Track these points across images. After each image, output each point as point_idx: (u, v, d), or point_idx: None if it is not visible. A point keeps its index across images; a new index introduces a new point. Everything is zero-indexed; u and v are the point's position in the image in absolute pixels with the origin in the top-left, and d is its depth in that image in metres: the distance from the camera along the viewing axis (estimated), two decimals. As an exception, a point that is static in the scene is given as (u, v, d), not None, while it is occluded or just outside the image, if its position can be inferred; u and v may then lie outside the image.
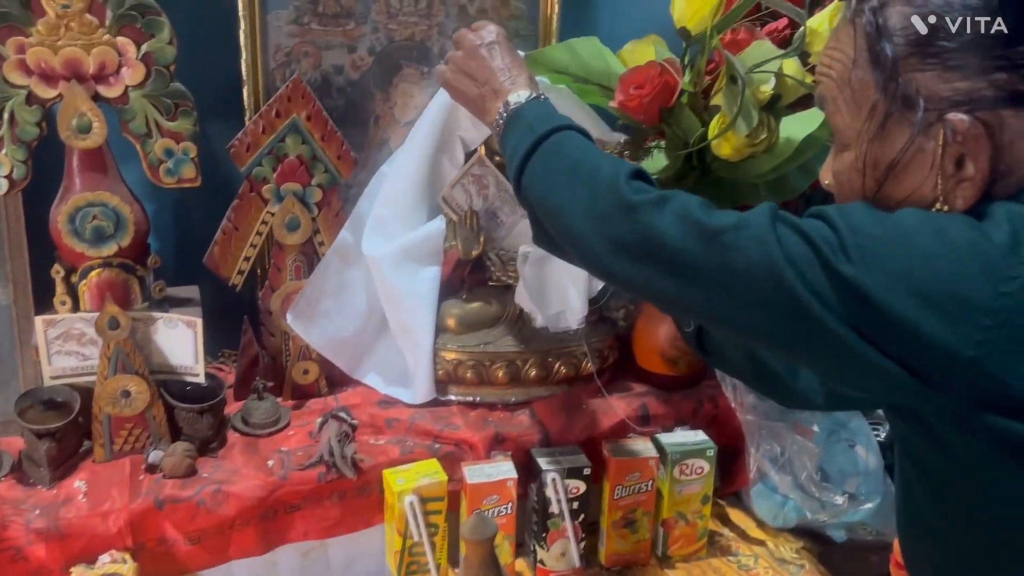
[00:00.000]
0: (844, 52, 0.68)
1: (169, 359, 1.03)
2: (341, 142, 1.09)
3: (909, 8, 0.64)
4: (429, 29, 1.22)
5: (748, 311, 0.66)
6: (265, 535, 0.98)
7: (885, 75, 0.64)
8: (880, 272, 0.59)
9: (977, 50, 0.61)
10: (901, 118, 0.65)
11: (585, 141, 0.83)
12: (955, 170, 0.63)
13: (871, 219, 0.62)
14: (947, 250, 0.59)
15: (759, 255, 0.63)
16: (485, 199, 1.20)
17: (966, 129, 0.61)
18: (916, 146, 0.64)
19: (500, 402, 1.15)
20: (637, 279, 0.73)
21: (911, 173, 0.65)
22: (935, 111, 0.63)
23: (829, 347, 0.62)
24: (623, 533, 1.08)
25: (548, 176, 0.81)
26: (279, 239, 1.10)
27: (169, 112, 1.01)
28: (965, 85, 0.62)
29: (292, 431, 1.08)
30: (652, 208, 0.70)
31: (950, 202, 0.64)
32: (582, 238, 0.76)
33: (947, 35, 0.62)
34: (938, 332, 0.57)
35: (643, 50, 1.03)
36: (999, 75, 0.61)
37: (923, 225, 0.61)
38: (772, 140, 0.97)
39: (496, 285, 1.20)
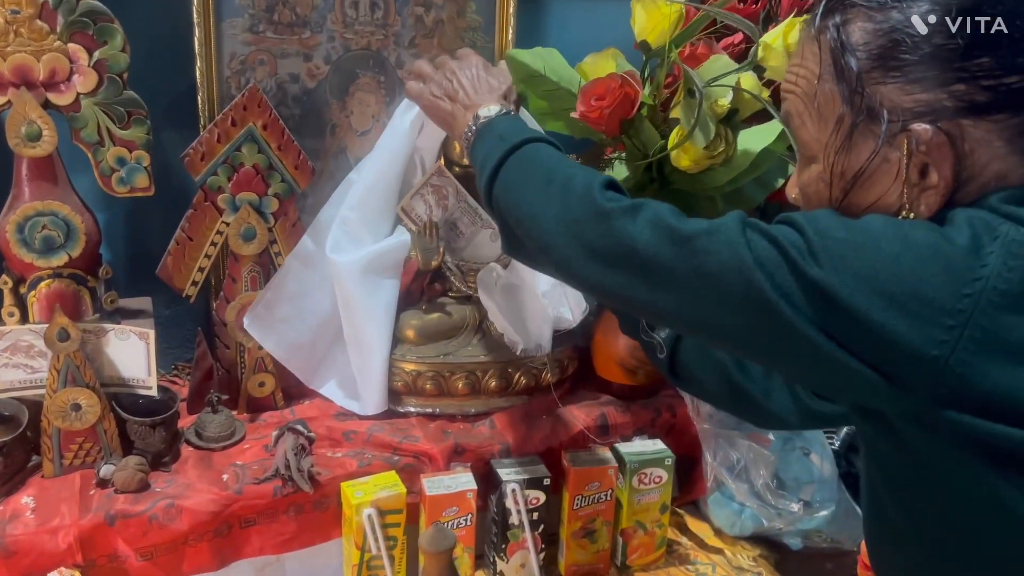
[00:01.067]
0: (809, 68, 0.70)
1: (121, 371, 1.01)
2: (298, 151, 1.08)
3: (871, 24, 0.66)
4: (385, 39, 1.22)
5: (720, 315, 0.67)
6: (219, 550, 0.96)
7: (850, 88, 0.67)
8: (847, 274, 0.61)
9: (936, 63, 0.64)
10: (866, 129, 0.67)
11: (556, 152, 0.85)
12: (919, 179, 0.65)
13: (837, 224, 0.64)
14: (911, 252, 0.61)
15: (730, 258, 0.65)
16: (445, 209, 1.20)
17: (929, 139, 0.64)
18: (881, 156, 0.66)
19: (460, 413, 1.15)
20: (610, 285, 0.74)
21: (877, 182, 0.67)
22: (899, 122, 0.65)
23: (799, 349, 0.63)
24: (582, 543, 1.08)
25: (520, 185, 0.82)
26: (234, 250, 1.09)
27: (122, 120, 1.00)
28: (926, 97, 0.64)
29: (247, 444, 1.07)
30: (625, 215, 0.72)
31: (915, 210, 0.66)
32: (555, 245, 0.77)
33: (907, 49, 0.64)
34: (903, 331, 0.59)
35: (603, 63, 1.04)
36: (958, 86, 0.63)
37: (888, 229, 0.62)
38: (729, 152, 0.99)
39: (456, 296, 1.20)
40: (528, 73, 1.06)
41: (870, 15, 0.66)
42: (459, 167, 1.22)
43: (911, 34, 0.64)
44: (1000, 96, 0.64)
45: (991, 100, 0.63)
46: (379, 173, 1.16)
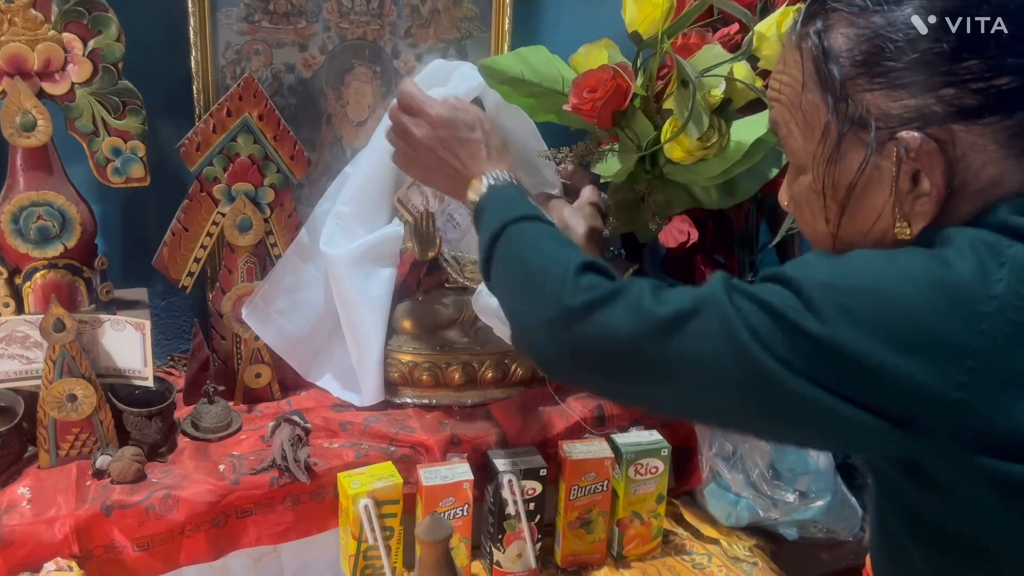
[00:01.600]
0: (792, 76, 0.68)
1: (117, 362, 1.01)
2: (294, 142, 1.08)
3: (853, 30, 0.64)
4: (381, 29, 1.21)
5: (720, 398, 0.63)
6: (216, 541, 0.96)
7: (835, 97, 0.65)
8: (851, 324, 0.57)
9: (922, 67, 0.61)
10: (855, 138, 0.64)
11: (540, 230, 0.81)
12: (912, 186, 0.63)
13: (830, 270, 0.61)
14: (915, 290, 0.58)
15: (721, 336, 0.61)
16: (441, 200, 1.20)
17: (918, 146, 0.61)
18: (872, 165, 0.64)
19: (456, 404, 1.15)
20: (601, 382, 0.71)
21: (871, 193, 0.65)
22: (887, 129, 0.63)
23: (809, 416, 0.60)
24: (579, 533, 1.09)
25: (503, 281, 0.80)
26: (230, 240, 1.09)
27: (117, 110, 0.99)
28: (914, 102, 0.62)
29: (244, 435, 1.07)
30: (603, 304, 0.68)
31: (910, 219, 0.64)
32: (537, 345, 0.74)
33: (892, 54, 0.62)
34: (920, 377, 0.56)
35: (596, 54, 1.04)
36: (946, 90, 0.61)
37: (886, 267, 0.60)
38: (723, 143, 0.99)
39: (452, 287, 1.20)
40: (506, 78, 1.05)
41: (852, 20, 0.64)
42: (455, 158, 1.22)
43: (895, 38, 0.62)
44: (991, 99, 0.61)
45: (982, 103, 0.61)
46: (373, 167, 1.16)
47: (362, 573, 0.99)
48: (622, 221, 1.13)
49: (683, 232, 1.14)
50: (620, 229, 1.14)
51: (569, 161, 1.08)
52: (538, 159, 1.15)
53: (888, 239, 0.66)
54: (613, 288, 0.69)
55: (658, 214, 1.09)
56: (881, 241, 0.66)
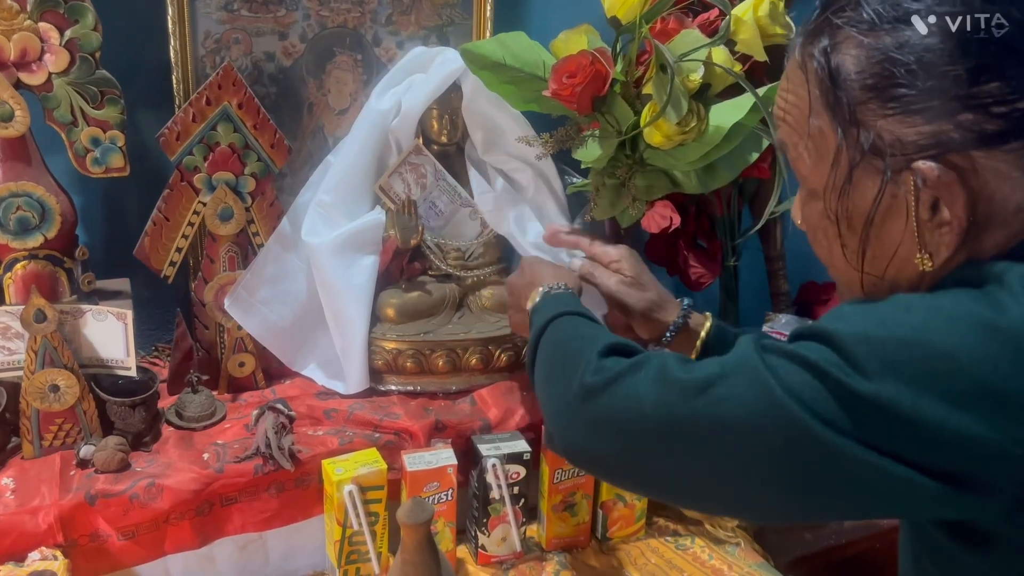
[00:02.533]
0: (799, 97, 0.64)
1: (99, 352, 1.01)
2: (274, 130, 1.08)
3: (862, 50, 0.59)
4: (362, 16, 1.21)
5: (752, 471, 0.58)
6: (201, 528, 0.97)
7: (844, 123, 0.60)
8: (899, 379, 0.53)
9: (939, 92, 0.57)
10: (868, 166, 0.60)
11: (575, 323, 0.79)
12: (932, 215, 0.59)
13: (870, 321, 0.56)
14: (965, 338, 0.53)
15: (756, 398, 0.57)
16: (423, 188, 1.20)
17: (936, 176, 0.57)
18: (889, 194, 0.60)
19: (441, 391, 1.15)
20: (621, 460, 0.66)
21: (889, 224, 0.61)
22: (902, 157, 0.58)
23: (858, 481, 0.55)
24: (563, 516, 1.10)
25: (540, 372, 0.79)
26: (212, 229, 1.09)
27: (95, 100, 0.99)
28: (930, 128, 0.57)
29: (228, 424, 1.07)
30: (625, 378, 0.65)
31: (932, 249, 0.60)
32: (559, 429, 0.71)
33: (905, 78, 0.57)
34: (979, 433, 0.52)
35: (576, 40, 1.04)
36: (965, 115, 0.56)
37: (930, 314, 0.55)
38: (702, 128, 0.99)
39: (435, 274, 1.21)
40: (488, 63, 1.05)
41: (860, 39, 0.59)
42: (437, 145, 1.22)
43: (907, 60, 0.57)
44: (1014, 123, 0.56)
45: (1004, 128, 0.56)
46: (354, 156, 1.16)
47: (347, 559, 0.99)
48: (604, 206, 1.13)
49: (665, 217, 1.14)
50: (603, 214, 1.14)
51: (550, 146, 1.08)
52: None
53: (911, 270, 0.62)
54: (635, 361, 0.66)
55: (639, 199, 1.10)
56: (903, 271, 0.62)
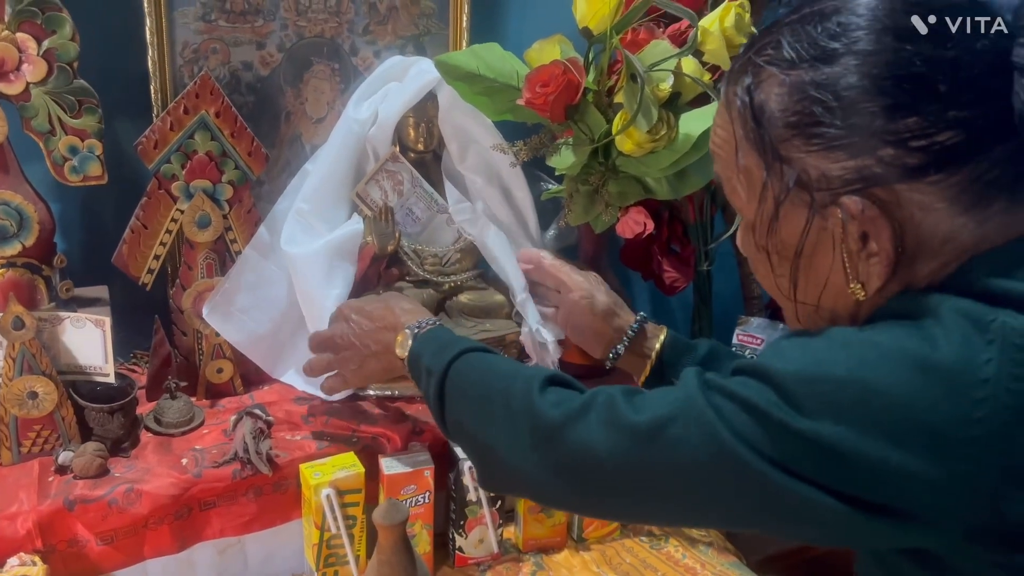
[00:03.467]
0: (728, 133, 0.65)
1: (78, 359, 1.02)
2: (251, 138, 1.09)
3: (784, 88, 0.60)
4: (339, 26, 1.23)
5: (714, 506, 0.61)
6: (180, 533, 0.98)
7: (769, 159, 0.61)
8: (841, 419, 0.54)
9: (859, 128, 0.57)
10: (796, 199, 0.61)
11: (486, 360, 0.78)
12: (862, 246, 0.60)
13: (809, 360, 0.57)
14: (900, 376, 0.54)
15: (703, 441, 0.58)
16: (400, 195, 1.22)
17: (860, 211, 0.58)
18: (816, 227, 0.61)
19: (418, 395, 1.16)
20: (590, 504, 0.69)
21: (819, 256, 0.62)
22: (828, 192, 0.59)
23: (808, 515, 0.57)
24: (539, 518, 1.11)
25: (464, 416, 0.77)
26: (189, 237, 1.10)
27: (73, 109, 1.00)
28: (853, 163, 0.58)
29: (206, 430, 1.08)
30: (576, 422, 0.66)
31: (864, 280, 0.61)
32: (521, 474, 0.71)
33: (825, 115, 0.58)
34: (920, 470, 0.53)
35: (549, 49, 1.06)
36: (886, 150, 0.57)
37: (866, 352, 0.56)
38: (671, 136, 1.01)
39: (413, 280, 1.22)
40: (462, 74, 1.07)
41: (782, 78, 0.60)
42: (414, 153, 1.24)
43: (826, 98, 0.58)
44: (934, 156, 0.57)
45: (924, 162, 0.57)
46: (332, 163, 1.17)
47: (325, 562, 1.01)
48: (578, 212, 1.15)
49: (639, 223, 1.17)
50: (577, 220, 1.17)
51: (524, 153, 1.10)
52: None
53: (847, 299, 0.63)
54: (583, 400, 0.67)
55: (612, 205, 1.12)
56: (839, 301, 0.64)
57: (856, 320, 0.64)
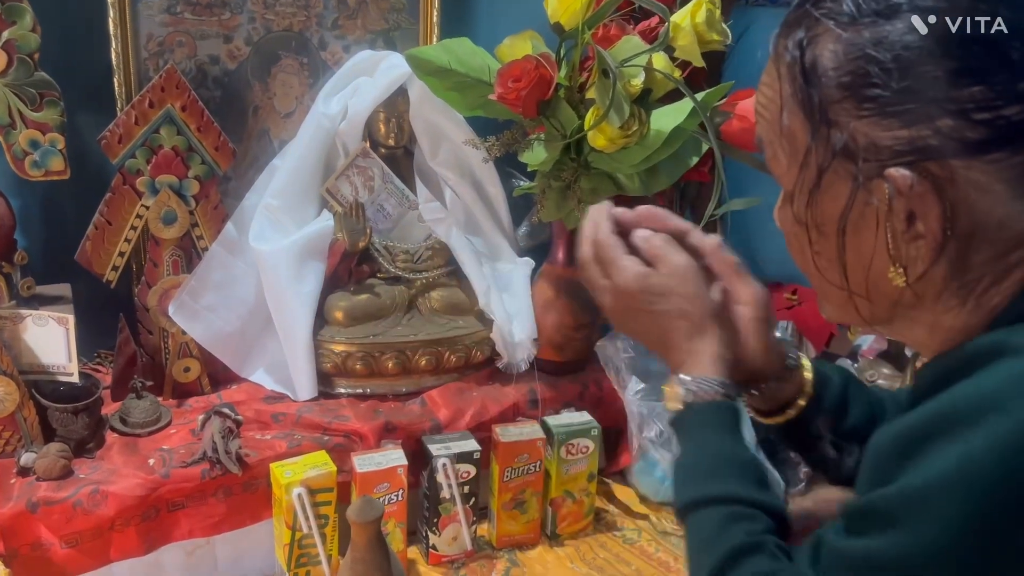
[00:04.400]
0: (774, 90, 0.60)
1: (40, 358, 0.99)
2: (218, 133, 1.08)
3: (839, 46, 0.55)
4: (308, 19, 1.21)
5: None
6: (147, 535, 0.96)
7: (816, 122, 0.57)
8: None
9: (917, 94, 0.53)
10: (841, 169, 0.57)
11: (707, 523, 0.69)
12: (907, 227, 0.55)
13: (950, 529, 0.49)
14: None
15: None
16: (371, 191, 1.21)
17: (909, 186, 0.53)
18: (861, 201, 0.56)
19: (390, 393, 1.16)
20: None
21: (863, 233, 0.57)
22: (876, 163, 0.54)
23: None
24: (513, 514, 1.11)
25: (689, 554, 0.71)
26: (155, 233, 1.08)
27: (34, 102, 0.98)
28: (907, 133, 0.53)
29: (174, 429, 1.06)
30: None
31: (908, 264, 0.56)
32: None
33: (882, 76, 0.53)
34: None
35: (520, 45, 1.06)
36: (945, 121, 0.52)
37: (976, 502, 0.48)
38: (643, 132, 1.02)
39: (384, 277, 1.21)
40: (433, 68, 1.07)
41: (839, 33, 0.55)
42: (385, 148, 1.23)
43: (885, 59, 0.53)
44: (998, 131, 0.52)
45: (986, 137, 0.52)
46: (301, 159, 1.16)
47: (297, 562, 0.99)
48: (550, 209, 1.15)
49: (610, 219, 1.17)
50: (549, 216, 1.16)
51: (496, 149, 1.09)
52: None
53: (886, 286, 0.58)
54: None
55: (584, 201, 1.12)
56: (878, 286, 0.59)
57: (894, 314, 0.60)
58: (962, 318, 0.58)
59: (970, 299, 0.57)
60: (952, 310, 0.58)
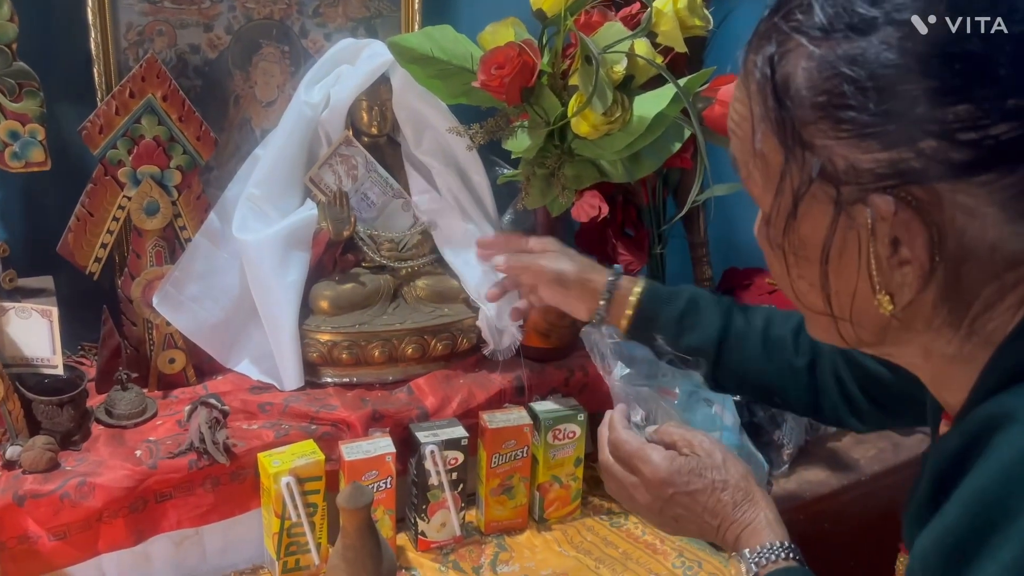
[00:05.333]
0: (745, 107, 0.56)
1: (23, 351, 0.99)
2: (200, 122, 1.07)
3: (811, 63, 0.51)
4: (288, 8, 1.20)
5: None
6: (136, 526, 0.96)
7: (789, 144, 0.53)
8: None
9: (898, 114, 0.49)
10: (820, 193, 0.53)
11: None
12: (892, 252, 0.52)
13: None
14: None
15: None
16: (354, 179, 1.20)
17: (892, 212, 0.50)
18: (843, 225, 0.53)
19: (377, 381, 1.16)
20: None
21: (846, 258, 0.54)
22: (857, 187, 0.51)
23: None
24: (501, 500, 1.12)
25: None
26: (137, 224, 1.07)
27: (13, 92, 0.97)
28: (888, 156, 0.50)
29: (160, 421, 1.06)
30: None
31: (894, 291, 0.53)
32: None
33: (859, 95, 0.50)
34: None
35: (503, 32, 1.06)
36: (928, 142, 0.49)
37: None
38: (626, 118, 1.02)
39: (369, 265, 1.21)
40: (416, 56, 1.07)
41: (811, 50, 0.51)
42: (368, 137, 1.22)
43: (861, 76, 0.50)
44: (986, 152, 0.49)
45: (973, 158, 0.49)
46: (283, 148, 1.16)
47: (286, 550, 1.00)
48: (535, 196, 1.15)
49: (594, 207, 1.17)
50: (533, 203, 1.17)
51: (480, 136, 1.10)
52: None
53: (872, 313, 0.55)
54: None
55: (568, 188, 1.13)
56: (864, 313, 0.56)
57: (883, 338, 0.58)
58: (956, 343, 0.56)
59: (963, 324, 0.55)
60: (944, 335, 0.56)
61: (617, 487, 0.81)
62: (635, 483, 0.77)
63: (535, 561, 1.07)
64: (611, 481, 0.81)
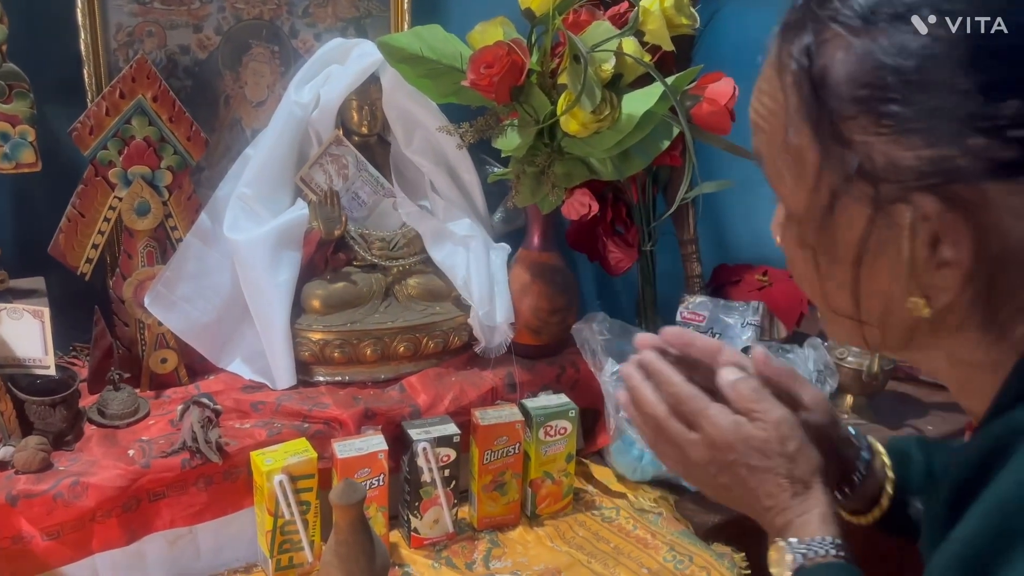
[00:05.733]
0: (775, 102, 0.53)
1: (15, 352, 0.99)
2: (190, 123, 1.07)
3: (852, 54, 0.49)
4: (278, 8, 1.21)
5: None
6: (129, 525, 0.96)
7: (827, 140, 0.50)
8: None
9: (944, 109, 0.47)
10: (857, 191, 0.51)
11: None
12: (931, 253, 0.50)
13: None
14: None
15: None
16: (345, 179, 1.21)
17: (937, 214, 0.48)
18: (881, 225, 0.50)
19: (369, 380, 1.16)
20: None
21: (881, 260, 0.52)
22: (897, 185, 0.48)
23: None
24: (493, 496, 1.12)
25: None
26: (128, 225, 1.07)
27: (3, 94, 0.97)
28: (932, 153, 0.47)
29: (152, 420, 1.06)
30: None
31: (931, 294, 0.51)
32: None
33: (903, 89, 0.47)
34: None
35: (492, 31, 1.07)
36: (975, 140, 0.46)
37: None
38: (615, 116, 1.03)
39: (360, 264, 1.21)
40: (405, 55, 1.07)
41: (850, 39, 0.49)
42: (358, 136, 1.23)
43: (907, 69, 0.47)
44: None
45: (1022, 157, 0.47)
46: (273, 148, 1.16)
47: (280, 548, 1.00)
48: (525, 194, 1.16)
49: (584, 205, 1.18)
50: (524, 201, 1.18)
51: (470, 135, 1.10)
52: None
53: (902, 315, 0.53)
54: None
55: (558, 186, 1.13)
56: (894, 315, 0.54)
57: (908, 343, 0.56)
58: (983, 349, 0.54)
59: (993, 328, 0.53)
60: (973, 340, 0.54)
61: (665, 441, 0.72)
62: (694, 440, 0.69)
63: (528, 557, 1.08)
64: (659, 434, 0.72)
